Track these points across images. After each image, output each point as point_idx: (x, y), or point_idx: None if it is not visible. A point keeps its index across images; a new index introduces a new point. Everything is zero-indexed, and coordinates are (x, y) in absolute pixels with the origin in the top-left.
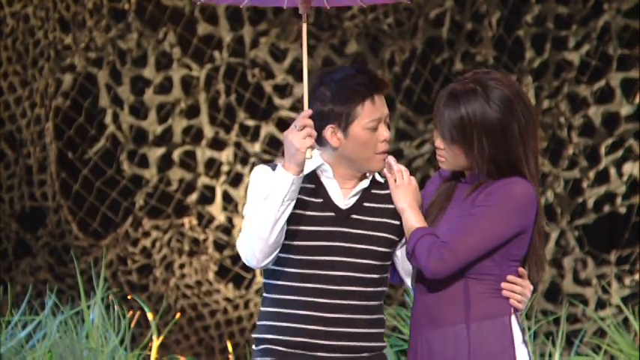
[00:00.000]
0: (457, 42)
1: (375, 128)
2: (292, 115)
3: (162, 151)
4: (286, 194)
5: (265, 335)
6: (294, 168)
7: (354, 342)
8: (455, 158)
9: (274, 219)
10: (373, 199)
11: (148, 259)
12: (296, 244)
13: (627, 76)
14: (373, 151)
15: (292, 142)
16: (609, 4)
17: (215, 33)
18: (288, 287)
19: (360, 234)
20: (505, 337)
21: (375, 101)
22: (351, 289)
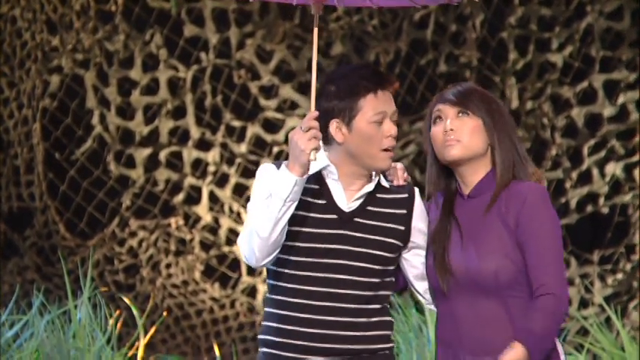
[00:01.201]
0: (441, 44)
1: (380, 123)
2: (278, 116)
3: (148, 151)
4: (288, 195)
5: (266, 337)
6: (298, 169)
7: (352, 345)
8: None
9: (275, 219)
10: (378, 204)
11: (135, 258)
12: (297, 245)
13: (610, 78)
14: (378, 147)
15: (297, 143)
16: (592, 6)
17: (201, 34)
18: (288, 289)
19: (362, 237)
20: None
21: (378, 95)
22: (351, 293)
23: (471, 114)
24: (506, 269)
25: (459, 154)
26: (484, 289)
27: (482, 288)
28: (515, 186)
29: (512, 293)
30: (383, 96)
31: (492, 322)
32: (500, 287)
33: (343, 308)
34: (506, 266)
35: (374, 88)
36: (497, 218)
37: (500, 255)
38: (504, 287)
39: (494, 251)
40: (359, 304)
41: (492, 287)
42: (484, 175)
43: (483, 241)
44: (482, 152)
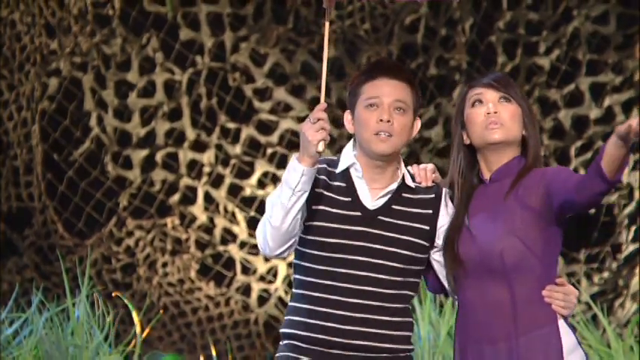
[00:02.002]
0: (431, 47)
1: (375, 107)
2: (272, 118)
3: (145, 152)
4: (297, 184)
5: (288, 330)
6: (307, 160)
7: (372, 342)
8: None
9: (286, 208)
10: (403, 203)
11: (132, 257)
12: (321, 240)
13: (596, 81)
14: (371, 131)
15: (306, 134)
16: (578, 10)
17: (197, 38)
18: (311, 283)
19: (385, 236)
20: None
21: (377, 82)
22: (372, 290)
23: (512, 100)
24: (513, 249)
25: (501, 137)
26: (491, 271)
27: (490, 270)
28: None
29: (521, 276)
30: (383, 82)
31: (496, 309)
32: (507, 268)
33: (366, 305)
34: (513, 246)
35: (373, 74)
36: (513, 201)
37: (509, 234)
38: (511, 269)
39: (502, 231)
40: (381, 302)
41: (499, 268)
42: (508, 160)
43: (494, 223)
44: (518, 139)
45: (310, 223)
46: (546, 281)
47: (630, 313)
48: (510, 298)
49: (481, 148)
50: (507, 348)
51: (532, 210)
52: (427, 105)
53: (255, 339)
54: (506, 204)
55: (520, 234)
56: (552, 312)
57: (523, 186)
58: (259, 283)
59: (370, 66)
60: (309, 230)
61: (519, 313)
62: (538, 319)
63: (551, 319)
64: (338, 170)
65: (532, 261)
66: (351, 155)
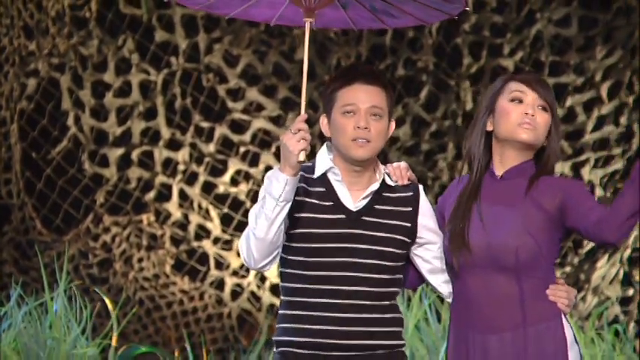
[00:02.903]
0: (399, 49)
1: (351, 113)
2: (244, 117)
3: (121, 151)
4: (280, 195)
5: (282, 337)
6: (289, 170)
7: (367, 340)
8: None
9: (270, 219)
10: (384, 202)
11: (108, 253)
12: (308, 246)
13: (558, 81)
14: (349, 137)
15: (287, 145)
16: (541, 13)
17: (171, 40)
18: (302, 289)
19: (371, 235)
20: (560, 339)
21: (353, 87)
22: (363, 289)
23: (548, 110)
24: (528, 247)
25: (530, 139)
26: (503, 266)
27: (500, 265)
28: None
29: (529, 273)
30: (359, 88)
31: (504, 301)
32: (520, 265)
33: (357, 305)
34: (528, 244)
35: (350, 81)
36: (528, 201)
37: (525, 233)
38: (523, 266)
39: (519, 229)
40: (372, 301)
41: (512, 264)
42: (523, 161)
43: (508, 219)
44: (540, 145)
45: (294, 231)
46: (549, 280)
47: (591, 306)
48: (519, 291)
49: (502, 142)
50: (513, 337)
51: (546, 212)
52: (395, 105)
53: (229, 332)
54: (524, 204)
55: (535, 234)
56: (556, 308)
57: (537, 189)
58: (232, 277)
59: (345, 71)
60: (293, 238)
61: (527, 306)
62: (545, 312)
63: (556, 314)
64: (315, 175)
65: (541, 260)
66: (328, 160)
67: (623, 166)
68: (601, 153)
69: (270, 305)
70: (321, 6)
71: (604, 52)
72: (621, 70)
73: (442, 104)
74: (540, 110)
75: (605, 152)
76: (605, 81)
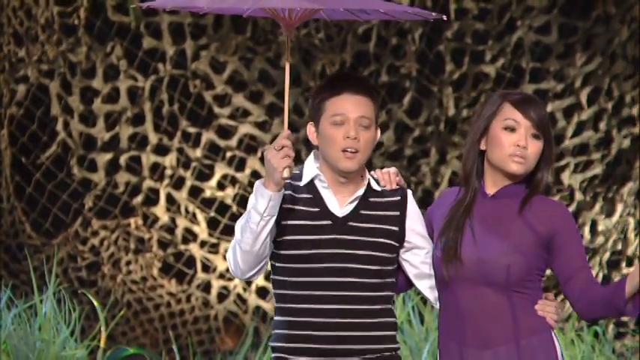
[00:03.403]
0: (383, 56)
1: (340, 124)
2: (231, 122)
3: (109, 156)
4: (265, 210)
5: (277, 344)
6: (273, 186)
7: (359, 345)
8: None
9: (256, 233)
10: (370, 207)
11: (97, 256)
12: (295, 253)
13: (539, 88)
14: (338, 148)
15: (271, 161)
16: (522, 21)
17: (159, 47)
18: (293, 296)
19: (357, 240)
20: (550, 351)
21: (342, 97)
22: (352, 294)
23: (542, 138)
24: (519, 265)
25: (520, 171)
26: (493, 282)
27: (491, 280)
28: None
29: (519, 289)
30: (349, 99)
31: (496, 316)
32: (510, 282)
33: (349, 310)
34: (519, 262)
35: (339, 90)
36: (521, 221)
37: (516, 252)
38: (513, 283)
39: (510, 247)
40: (363, 305)
41: (502, 280)
42: (514, 182)
43: (500, 237)
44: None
45: (282, 238)
46: (538, 295)
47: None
48: (510, 306)
49: (493, 165)
50: (507, 351)
51: (537, 234)
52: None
53: (215, 334)
54: (516, 223)
55: (525, 252)
56: (546, 322)
57: (530, 210)
58: (219, 280)
59: (334, 81)
60: (282, 245)
61: (518, 319)
62: (535, 326)
63: (546, 328)
64: (302, 183)
65: (531, 277)
66: (314, 167)
67: (602, 171)
68: (580, 158)
69: (257, 307)
70: (301, 21)
71: (583, 59)
72: (600, 76)
73: (425, 110)
74: (533, 139)
75: (585, 157)
76: (585, 87)
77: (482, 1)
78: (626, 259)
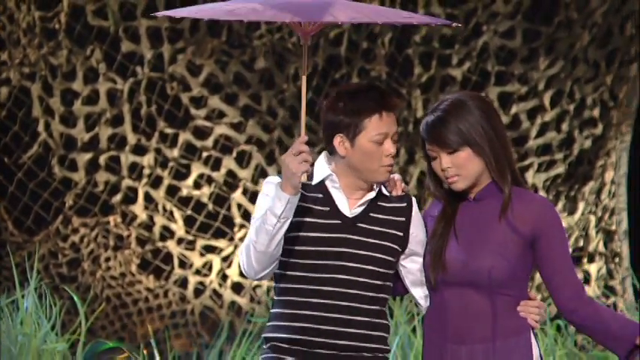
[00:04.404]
0: (354, 59)
1: (381, 142)
2: (207, 124)
3: (89, 156)
4: (282, 212)
5: (272, 334)
6: (291, 189)
7: (354, 342)
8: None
9: (271, 234)
10: (379, 210)
11: (77, 253)
12: (304, 249)
13: (504, 90)
14: (378, 164)
15: (289, 166)
16: (487, 26)
17: (137, 50)
18: (294, 289)
19: (365, 241)
20: (526, 353)
21: (382, 117)
22: (354, 292)
23: (458, 148)
24: (500, 268)
25: (464, 185)
26: (476, 284)
27: (474, 283)
28: (524, 195)
29: (502, 291)
30: (387, 117)
31: (477, 315)
32: (493, 284)
33: (347, 306)
34: (501, 265)
35: (379, 109)
36: (502, 221)
37: (497, 254)
38: (496, 285)
39: (492, 250)
40: (362, 304)
41: (485, 283)
42: (487, 183)
43: (483, 241)
44: (482, 171)
45: (291, 234)
46: (522, 296)
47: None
48: (491, 307)
49: None
50: (484, 349)
51: (520, 235)
52: None
53: (192, 328)
54: (499, 226)
55: (508, 255)
56: (526, 323)
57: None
58: (195, 276)
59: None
60: (290, 241)
61: (498, 320)
62: (514, 327)
63: (525, 330)
64: (314, 182)
65: (515, 279)
66: (326, 168)
67: (564, 171)
68: (544, 158)
69: (232, 302)
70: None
71: (547, 63)
72: (563, 79)
73: None
74: (451, 156)
75: (548, 157)
76: (548, 90)
77: (449, 7)
78: (588, 255)
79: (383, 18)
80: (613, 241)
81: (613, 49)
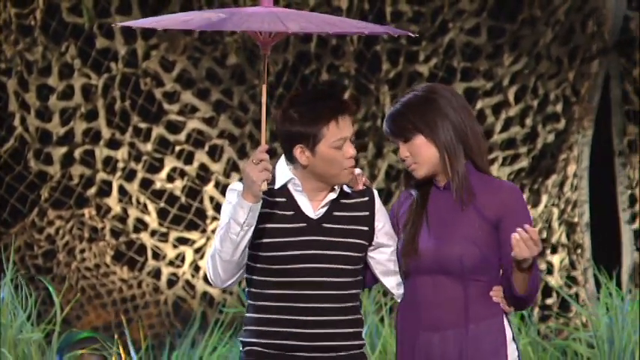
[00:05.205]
0: (323, 55)
1: (341, 147)
2: (179, 118)
3: (64, 150)
4: (245, 220)
5: (248, 339)
6: (252, 198)
7: (330, 342)
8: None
9: (236, 243)
10: (342, 209)
11: (52, 245)
12: (272, 254)
13: (469, 86)
14: (340, 168)
15: (250, 175)
16: (453, 23)
17: (111, 46)
18: (267, 295)
19: (331, 241)
20: (499, 336)
21: (339, 122)
22: (326, 293)
23: (412, 137)
24: (471, 255)
25: (424, 172)
26: (448, 271)
27: (446, 270)
28: (492, 183)
29: (475, 277)
30: (343, 122)
31: (450, 303)
32: (464, 271)
33: (321, 308)
34: (472, 252)
35: (335, 115)
36: (471, 208)
37: (468, 241)
38: (468, 271)
39: (463, 237)
40: (335, 304)
41: (457, 270)
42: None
43: (454, 228)
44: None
45: (258, 240)
46: (495, 281)
47: None
48: (464, 294)
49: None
50: (455, 335)
51: (488, 221)
52: None
53: (165, 318)
54: (467, 213)
55: (479, 241)
56: (499, 307)
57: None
58: (168, 267)
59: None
60: (258, 247)
61: (471, 306)
62: (486, 312)
63: (498, 313)
64: (276, 187)
65: (486, 265)
66: (287, 171)
67: (528, 164)
68: (508, 152)
69: (204, 293)
70: (276, 40)
71: (511, 59)
72: (527, 75)
73: (363, 107)
74: (407, 144)
75: (512, 151)
76: (512, 86)
77: (416, 5)
78: (551, 246)
79: (335, 28)
80: (575, 232)
81: (575, 46)
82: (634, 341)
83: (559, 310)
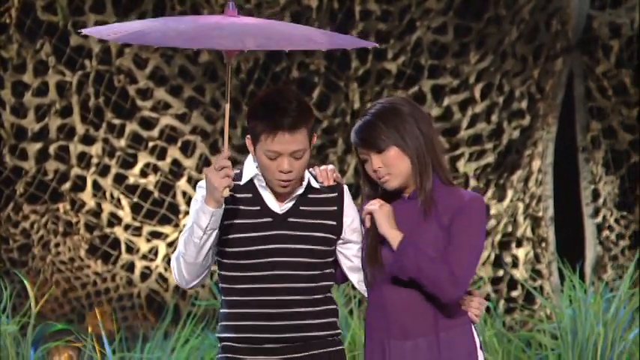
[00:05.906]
0: (294, 53)
1: (274, 159)
2: (153, 115)
3: (39, 145)
4: (207, 225)
5: (223, 334)
6: (214, 203)
7: (300, 333)
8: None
9: (199, 246)
10: (309, 203)
11: (27, 239)
12: (239, 250)
13: (436, 83)
14: (272, 176)
15: (212, 181)
16: (421, 22)
17: (85, 44)
18: (237, 290)
19: (297, 235)
20: (470, 342)
21: (276, 137)
22: (293, 286)
23: (385, 148)
24: None
25: (397, 184)
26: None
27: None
28: (456, 192)
29: None
30: (282, 137)
31: (418, 311)
32: None
33: (289, 300)
34: None
35: (273, 130)
36: (433, 219)
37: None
38: None
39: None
40: (305, 296)
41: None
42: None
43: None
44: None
45: (226, 237)
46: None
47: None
48: (432, 302)
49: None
50: (428, 342)
51: (444, 228)
52: None
53: (138, 311)
54: (429, 223)
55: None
56: (467, 316)
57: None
58: (142, 261)
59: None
60: (226, 243)
61: (439, 313)
62: (456, 319)
63: (466, 321)
64: (242, 182)
65: None
66: (254, 167)
67: (494, 160)
68: (475, 148)
69: (177, 286)
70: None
71: (477, 57)
72: (492, 73)
73: (332, 103)
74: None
75: (478, 147)
76: (478, 83)
77: (384, 3)
78: (516, 240)
79: (293, 45)
80: (540, 226)
81: (540, 44)
82: (596, 332)
83: (524, 302)
